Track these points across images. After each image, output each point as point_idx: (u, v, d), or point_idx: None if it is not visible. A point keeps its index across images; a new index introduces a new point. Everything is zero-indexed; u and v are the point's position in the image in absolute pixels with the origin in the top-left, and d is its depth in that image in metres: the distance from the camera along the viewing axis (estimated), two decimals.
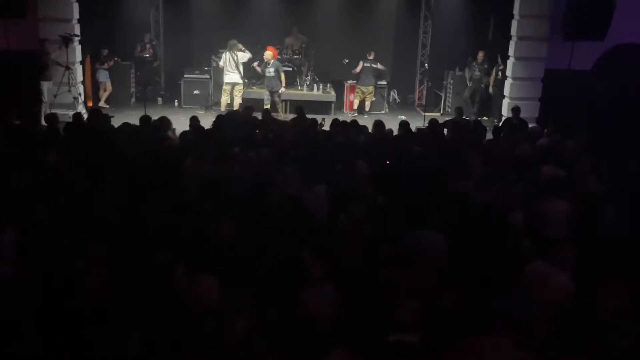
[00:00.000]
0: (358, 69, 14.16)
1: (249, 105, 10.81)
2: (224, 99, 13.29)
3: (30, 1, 11.71)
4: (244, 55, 13.23)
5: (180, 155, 7.46)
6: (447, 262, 4.97)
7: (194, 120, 9.31)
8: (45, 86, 11.94)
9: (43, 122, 10.12)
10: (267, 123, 9.69)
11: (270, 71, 13.28)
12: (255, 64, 13.73)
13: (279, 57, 14.16)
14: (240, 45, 13.21)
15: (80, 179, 6.40)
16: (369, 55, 14.14)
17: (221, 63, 13.38)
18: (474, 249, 5.01)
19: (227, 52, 13.17)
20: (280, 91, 13.53)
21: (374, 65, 14.17)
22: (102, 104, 13.93)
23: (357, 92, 14.39)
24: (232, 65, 13.17)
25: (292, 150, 7.81)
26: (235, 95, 13.40)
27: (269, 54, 13.41)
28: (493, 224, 5.46)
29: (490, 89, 14.10)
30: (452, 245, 5.13)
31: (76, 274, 4.24)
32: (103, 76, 14.00)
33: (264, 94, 13.53)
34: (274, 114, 11.61)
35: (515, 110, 11.10)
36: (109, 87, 14.12)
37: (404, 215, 5.59)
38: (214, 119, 9.59)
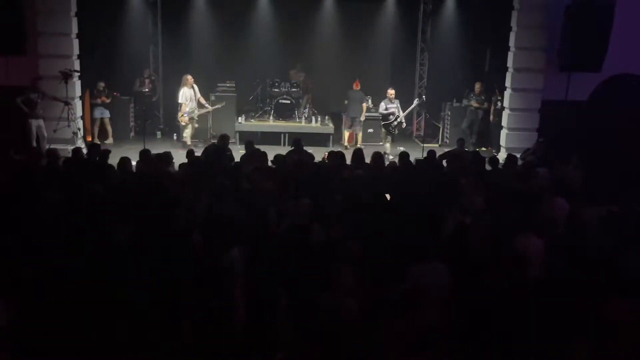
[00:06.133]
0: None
1: (224, 134, 10.84)
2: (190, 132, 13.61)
3: (31, 38, 11.82)
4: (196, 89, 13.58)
5: (178, 189, 7.47)
6: (452, 293, 4.94)
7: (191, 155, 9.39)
8: (34, 124, 11.78)
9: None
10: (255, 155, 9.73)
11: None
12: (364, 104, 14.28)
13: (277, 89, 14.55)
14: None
15: (79, 214, 6.40)
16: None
17: (183, 99, 13.44)
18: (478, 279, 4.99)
19: (186, 88, 13.39)
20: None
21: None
22: (109, 140, 14.01)
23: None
24: (194, 99, 13.45)
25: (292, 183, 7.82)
26: (195, 126, 13.72)
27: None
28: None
29: (491, 117, 14.14)
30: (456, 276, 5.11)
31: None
32: (98, 113, 13.96)
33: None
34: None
35: (541, 144, 11.22)
36: (106, 122, 14.11)
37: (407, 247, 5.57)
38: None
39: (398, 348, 3.88)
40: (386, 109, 13.19)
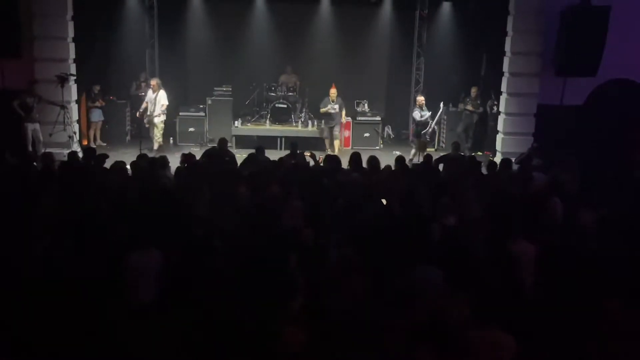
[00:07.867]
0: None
1: (223, 138, 10.85)
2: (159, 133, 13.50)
3: (27, 41, 11.80)
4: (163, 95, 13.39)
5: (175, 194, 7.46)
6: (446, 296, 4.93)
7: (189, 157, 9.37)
8: (30, 127, 11.83)
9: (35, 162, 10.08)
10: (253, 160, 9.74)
11: (335, 107, 13.83)
12: (326, 108, 13.92)
13: (273, 94, 14.64)
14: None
15: (74, 218, 6.38)
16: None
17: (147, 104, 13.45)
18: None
19: (150, 90, 13.36)
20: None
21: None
22: (99, 142, 13.96)
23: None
24: (152, 102, 13.34)
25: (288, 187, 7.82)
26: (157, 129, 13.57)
27: (333, 91, 13.90)
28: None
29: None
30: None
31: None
32: (96, 116, 13.95)
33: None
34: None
35: (536, 149, 11.21)
36: (99, 126, 14.13)
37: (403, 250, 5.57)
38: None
39: (394, 343, 3.89)
40: (421, 116, 13.10)
